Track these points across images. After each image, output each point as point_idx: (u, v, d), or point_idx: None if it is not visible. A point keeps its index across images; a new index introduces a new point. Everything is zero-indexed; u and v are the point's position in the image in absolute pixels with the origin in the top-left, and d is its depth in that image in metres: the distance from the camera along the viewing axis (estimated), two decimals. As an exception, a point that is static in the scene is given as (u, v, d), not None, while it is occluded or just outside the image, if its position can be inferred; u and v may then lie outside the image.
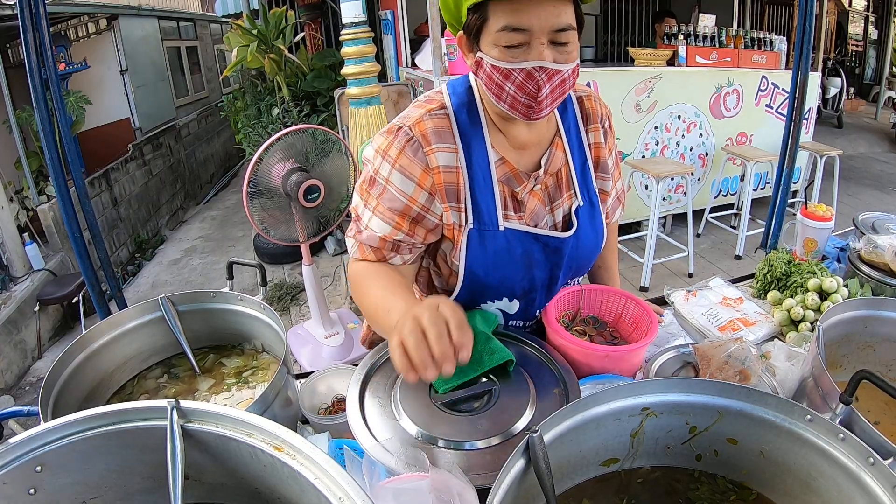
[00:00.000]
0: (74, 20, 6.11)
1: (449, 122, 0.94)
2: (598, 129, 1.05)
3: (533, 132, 0.97)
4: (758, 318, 1.34)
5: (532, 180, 0.98)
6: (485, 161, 0.95)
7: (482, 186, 0.94)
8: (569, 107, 1.03)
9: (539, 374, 0.99)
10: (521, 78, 0.83)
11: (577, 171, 1.02)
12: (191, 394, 1.09)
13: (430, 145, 0.92)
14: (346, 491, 0.54)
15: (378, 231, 0.96)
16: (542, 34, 0.81)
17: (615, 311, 1.22)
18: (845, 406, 0.78)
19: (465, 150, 0.94)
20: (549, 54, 0.82)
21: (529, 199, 0.98)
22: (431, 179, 0.92)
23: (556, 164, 1.00)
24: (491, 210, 0.95)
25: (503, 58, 0.83)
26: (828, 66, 7.92)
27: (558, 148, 1.00)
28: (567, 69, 0.84)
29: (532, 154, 0.99)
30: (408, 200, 0.93)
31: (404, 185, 0.93)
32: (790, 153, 2.19)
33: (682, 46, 4.14)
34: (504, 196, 0.96)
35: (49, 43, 1.53)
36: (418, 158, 0.92)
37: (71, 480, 0.64)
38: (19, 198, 4.53)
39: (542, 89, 0.83)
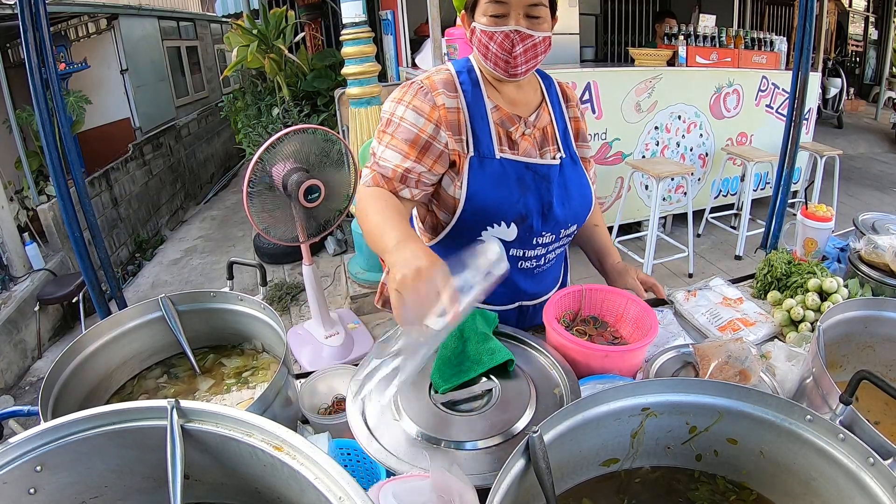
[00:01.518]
0: (74, 20, 6.11)
1: (453, 79, 1.17)
2: (575, 107, 1.28)
3: (521, 93, 1.20)
4: (758, 319, 1.34)
5: (523, 124, 1.18)
6: (482, 106, 1.16)
7: (480, 124, 1.15)
8: (552, 86, 1.26)
9: (539, 374, 0.99)
10: (501, 38, 1.07)
11: (561, 133, 1.23)
12: (191, 394, 1.09)
13: (436, 90, 1.13)
14: (346, 491, 0.54)
15: (391, 161, 1.11)
16: (518, 7, 1.06)
17: (616, 310, 1.22)
18: (845, 406, 0.78)
19: (466, 98, 1.15)
20: (524, 23, 1.07)
21: (521, 140, 1.18)
22: (438, 113, 1.12)
23: (542, 121, 1.21)
24: (488, 142, 1.14)
25: (489, 24, 1.08)
26: (828, 66, 7.92)
27: (544, 110, 1.22)
28: (538, 35, 1.08)
29: (523, 110, 1.20)
30: (418, 131, 1.11)
31: (416, 119, 1.11)
32: (790, 153, 2.19)
33: (682, 46, 4.14)
34: (499, 134, 1.16)
35: (49, 43, 1.53)
36: (428, 99, 1.13)
37: (71, 480, 0.64)
38: (19, 198, 4.53)
39: (515, 47, 1.07)
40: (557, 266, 1.41)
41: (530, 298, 1.33)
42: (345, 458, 0.89)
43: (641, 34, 6.96)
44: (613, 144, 4.10)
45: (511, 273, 1.08)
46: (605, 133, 4.03)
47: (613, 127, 4.03)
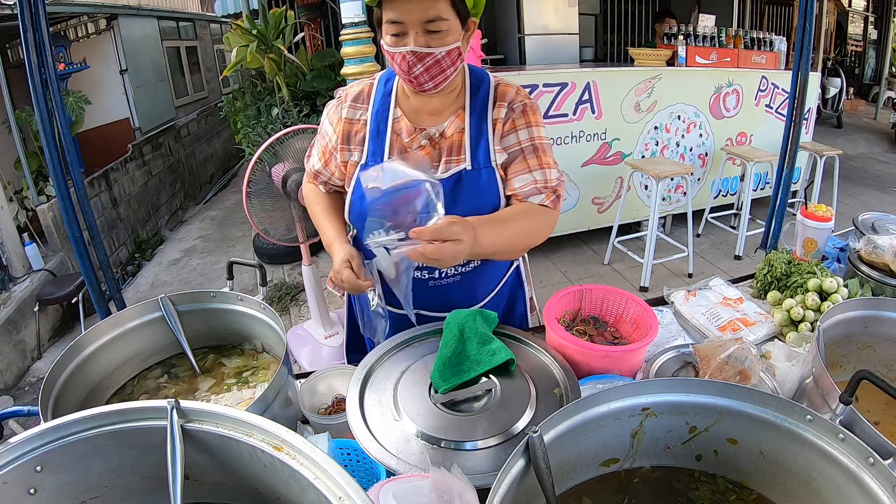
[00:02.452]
0: (74, 20, 6.11)
1: (369, 90, 1.22)
2: (502, 107, 1.20)
3: (433, 103, 1.18)
4: (758, 319, 1.34)
5: (423, 135, 1.18)
6: (385, 116, 1.19)
7: (376, 134, 1.19)
8: (482, 89, 1.21)
9: (539, 374, 0.99)
10: (400, 59, 1.06)
11: (472, 141, 1.18)
12: (191, 394, 1.09)
13: (345, 102, 1.22)
14: (346, 491, 0.54)
15: (314, 161, 1.29)
16: (415, 25, 1.02)
17: (616, 310, 1.22)
18: (845, 406, 0.78)
19: (374, 109, 1.20)
20: (423, 39, 1.03)
21: (417, 152, 1.18)
22: (341, 125, 1.21)
23: (451, 129, 1.18)
24: (379, 151, 1.18)
25: (390, 44, 1.06)
26: (827, 66, 7.93)
27: (459, 118, 1.19)
28: (439, 51, 1.05)
29: (434, 120, 1.19)
30: (327, 140, 1.24)
31: (327, 129, 1.24)
32: (790, 153, 2.19)
33: (681, 46, 4.14)
34: (393, 143, 1.18)
35: (49, 43, 1.53)
36: (337, 111, 1.22)
37: (71, 480, 0.64)
38: (19, 198, 4.53)
39: (413, 67, 1.06)
40: (469, 286, 1.29)
41: (432, 310, 1.27)
42: (345, 458, 0.89)
43: (641, 34, 6.97)
44: (613, 144, 4.10)
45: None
46: (604, 133, 4.03)
47: (613, 127, 4.03)
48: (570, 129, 3.90)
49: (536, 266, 4.11)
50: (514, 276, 1.43)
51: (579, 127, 3.92)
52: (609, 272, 4.03)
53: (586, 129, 3.96)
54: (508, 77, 3.78)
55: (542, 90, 3.72)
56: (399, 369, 1.00)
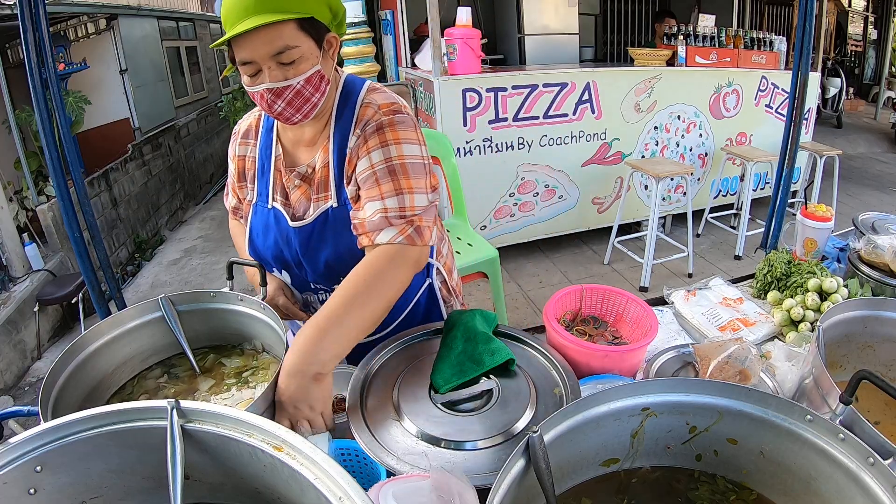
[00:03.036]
0: (74, 20, 6.11)
1: (257, 124, 1.19)
2: (356, 135, 1.06)
3: (300, 133, 1.13)
4: (758, 319, 1.34)
5: (295, 175, 1.13)
6: (269, 154, 1.16)
7: (262, 173, 1.17)
8: (346, 113, 1.09)
9: (539, 374, 0.99)
10: (259, 98, 1.00)
11: (336, 174, 1.08)
12: (191, 394, 1.09)
13: (238, 138, 1.21)
14: (346, 491, 0.54)
15: (230, 199, 1.30)
16: (266, 60, 0.96)
17: (616, 310, 1.22)
18: (845, 406, 0.78)
19: (261, 144, 1.18)
20: (279, 74, 0.97)
21: (294, 192, 1.14)
22: (234, 164, 1.22)
23: (319, 163, 1.11)
24: (264, 192, 1.16)
25: (248, 83, 1.00)
26: (827, 66, 7.93)
27: (324, 150, 1.10)
28: (296, 81, 0.98)
29: (303, 155, 1.14)
30: (232, 176, 1.25)
31: (230, 166, 1.25)
32: (790, 153, 2.19)
33: (681, 46, 4.15)
34: (275, 183, 1.15)
35: (49, 43, 1.53)
36: (232, 147, 1.23)
37: (71, 480, 0.64)
38: (19, 198, 4.53)
39: (274, 105, 1.00)
40: None
41: None
42: (345, 458, 0.89)
43: (641, 34, 6.97)
44: (613, 144, 4.10)
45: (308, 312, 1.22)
46: (604, 133, 4.03)
47: (613, 127, 4.04)
48: (569, 129, 3.90)
49: (536, 266, 4.12)
50: (426, 294, 1.26)
51: (579, 127, 3.93)
52: (609, 272, 4.03)
53: (586, 129, 3.96)
54: (508, 77, 3.77)
55: (541, 90, 3.72)
56: (399, 369, 1.00)
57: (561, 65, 4.60)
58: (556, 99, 3.78)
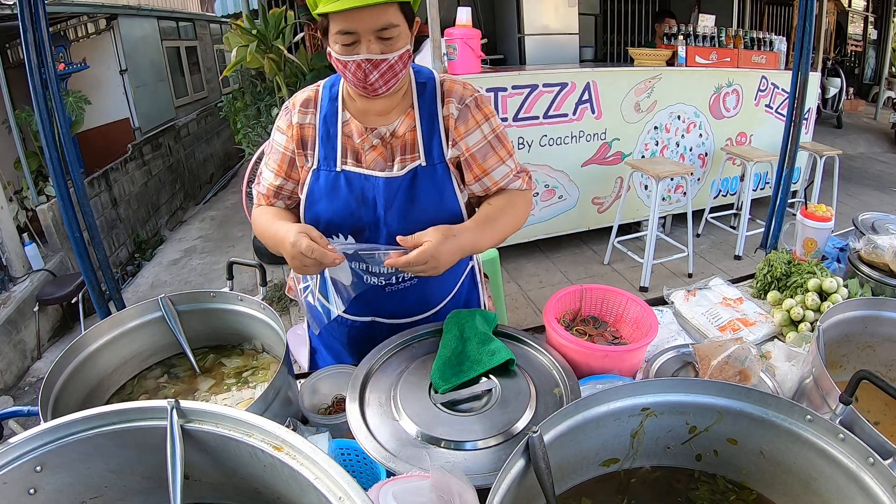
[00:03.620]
0: (74, 20, 6.11)
1: (315, 96, 1.22)
2: (452, 103, 1.20)
3: (381, 105, 1.17)
4: (758, 319, 1.34)
5: (374, 135, 1.17)
6: (335, 120, 1.19)
7: (327, 138, 1.18)
8: (429, 87, 1.21)
9: (539, 374, 0.99)
10: (354, 67, 1.05)
11: (425, 138, 1.19)
12: (191, 394, 1.09)
13: (294, 109, 1.20)
14: (346, 491, 0.54)
15: (268, 178, 1.24)
16: (367, 33, 1.02)
17: (616, 310, 1.22)
18: (845, 406, 0.78)
19: (321, 113, 1.20)
20: (376, 47, 1.03)
21: (369, 152, 1.18)
22: (293, 130, 1.19)
23: (402, 128, 1.18)
24: (331, 155, 1.18)
25: (341, 52, 1.05)
26: (827, 66, 7.93)
27: (409, 117, 1.19)
28: (392, 56, 1.05)
29: (383, 121, 1.19)
30: (283, 149, 1.21)
31: (280, 138, 1.21)
32: (790, 153, 2.19)
33: (681, 46, 4.14)
34: (345, 147, 1.18)
35: (49, 43, 1.53)
36: (286, 118, 1.21)
37: (71, 480, 0.64)
38: (18, 198, 4.53)
39: (369, 75, 1.06)
40: (424, 291, 1.28)
41: (384, 316, 1.27)
42: (345, 458, 0.89)
43: (641, 34, 6.97)
44: (613, 144, 4.10)
45: (360, 286, 1.19)
46: (604, 133, 4.03)
47: (613, 127, 4.03)
48: (569, 129, 3.90)
49: (536, 266, 4.12)
50: (468, 279, 1.40)
51: (579, 127, 3.92)
52: (609, 272, 4.03)
53: (586, 129, 3.96)
54: (508, 77, 3.77)
55: (542, 90, 3.72)
56: (399, 369, 1.00)
57: (561, 65, 4.59)
58: (556, 99, 3.78)
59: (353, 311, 1.28)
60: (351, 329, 1.31)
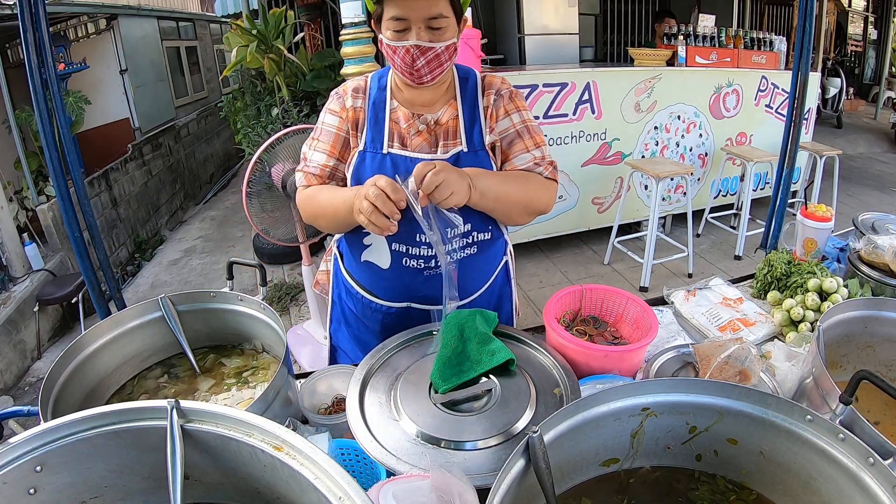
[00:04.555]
0: (74, 20, 6.11)
1: (365, 85, 1.28)
2: (490, 94, 1.27)
3: (427, 94, 1.23)
4: (758, 319, 1.34)
5: (420, 121, 1.23)
6: (383, 106, 1.25)
7: (375, 122, 1.24)
8: (471, 80, 1.29)
9: (539, 374, 0.99)
10: (403, 53, 1.11)
11: (466, 126, 1.25)
12: (191, 394, 1.09)
13: (347, 94, 1.26)
14: (346, 491, 0.54)
15: (319, 161, 1.26)
16: (418, 21, 1.09)
17: (616, 310, 1.22)
18: (845, 406, 0.78)
19: (371, 99, 1.26)
20: (425, 35, 1.10)
21: (415, 138, 1.23)
22: (347, 113, 1.25)
23: (445, 117, 1.25)
24: (379, 138, 1.23)
25: (392, 38, 1.12)
26: (827, 66, 7.93)
27: (451, 107, 1.26)
28: (440, 46, 1.12)
29: (429, 109, 1.25)
30: (336, 130, 1.25)
31: (333, 120, 1.26)
32: (790, 153, 2.19)
33: (681, 46, 4.14)
34: (392, 132, 1.23)
35: (49, 43, 1.53)
36: (339, 102, 1.26)
37: (71, 480, 0.64)
38: (19, 198, 4.53)
39: (416, 61, 1.12)
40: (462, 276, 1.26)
41: (420, 301, 1.28)
42: (345, 458, 0.89)
43: (641, 34, 6.97)
44: (613, 144, 4.10)
45: (398, 269, 1.23)
46: (604, 133, 4.03)
47: (613, 127, 4.03)
48: (570, 129, 3.90)
49: (536, 266, 4.11)
50: (503, 272, 1.42)
51: (579, 127, 3.92)
52: (609, 272, 4.03)
53: (586, 129, 3.96)
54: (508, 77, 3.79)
55: (542, 90, 3.72)
56: (399, 369, 1.00)
57: (561, 65, 4.59)
58: (556, 99, 3.78)
59: (388, 297, 1.30)
60: (385, 316, 1.31)
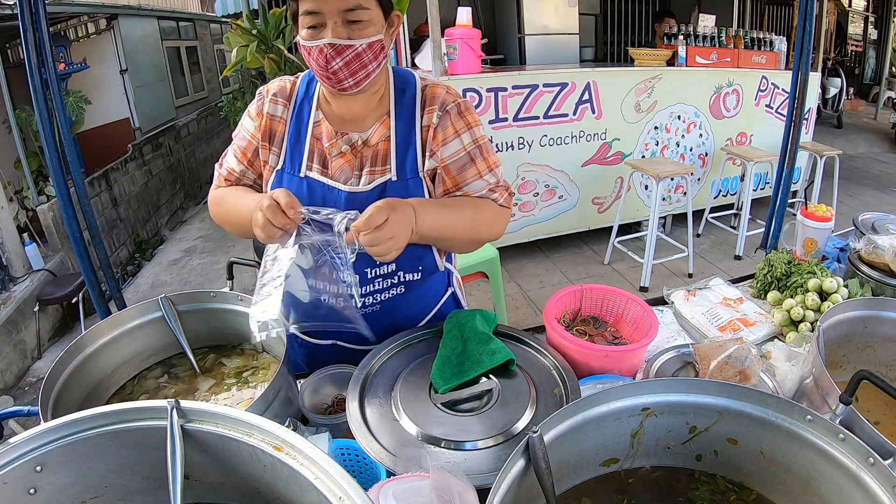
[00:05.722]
0: (74, 20, 6.11)
1: (292, 88, 1.14)
2: (433, 112, 1.10)
3: (356, 107, 1.09)
4: (758, 319, 1.34)
5: (344, 141, 1.09)
6: (306, 119, 1.12)
7: (296, 138, 1.11)
8: (408, 93, 1.13)
9: (539, 374, 0.99)
10: (317, 52, 0.97)
11: (399, 149, 1.10)
12: (191, 394, 1.09)
13: (268, 96, 1.13)
14: (346, 491, 0.54)
15: (231, 163, 1.19)
16: (334, 15, 0.95)
17: (616, 310, 1.22)
18: (845, 406, 0.78)
19: (295, 109, 1.13)
20: (343, 32, 0.96)
21: (336, 159, 1.10)
22: (262, 120, 1.12)
23: (375, 138, 1.10)
24: (298, 158, 1.11)
25: (306, 37, 0.98)
26: (827, 66, 7.93)
27: (383, 125, 1.11)
28: (360, 43, 0.97)
29: (356, 126, 1.11)
30: (250, 137, 1.15)
31: (249, 125, 1.15)
32: (790, 153, 2.19)
33: (681, 46, 4.14)
34: (312, 150, 1.11)
35: (49, 43, 1.53)
36: (258, 105, 1.14)
37: (71, 480, 0.64)
38: (19, 198, 4.53)
39: (331, 62, 0.97)
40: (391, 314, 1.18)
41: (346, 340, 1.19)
42: (345, 458, 0.89)
43: (641, 34, 6.97)
44: (613, 144, 4.10)
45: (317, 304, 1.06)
46: (604, 133, 4.03)
47: (613, 127, 4.03)
48: (570, 129, 3.90)
49: (537, 266, 4.11)
50: (450, 301, 1.31)
51: (579, 127, 3.93)
52: (609, 272, 4.03)
53: (586, 129, 3.96)
54: (508, 77, 3.77)
55: (542, 90, 3.72)
56: (399, 369, 1.00)
57: (561, 65, 4.59)
58: (556, 99, 3.78)
59: (312, 333, 1.20)
60: (311, 352, 1.24)
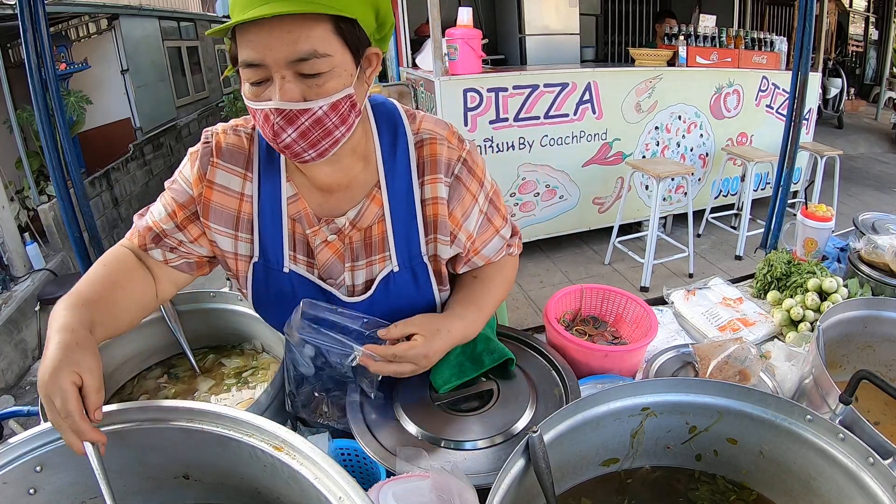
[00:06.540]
0: (75, 20, 6.12)
1: (249, 146, 0.85)
2: (439, 180, 0.85)
3: (335, 175, 0.84)
4: (757, 318, 1.34)
5: (325, 227, 0.86)
6: (277, 194, 0.85)
7: (270, 221, 0.85)
8: (399, 153, 0.85)
9: (539, 374, 0.99)
10: (262, 119, 0.71)
11: (399, 232, 0.87)
12: (190, 394, 1.09)
13: (216, 158, 0.84)
14: (346, 491, 0.54)
15: (155, 215, 0.88)
16: (279, 67, 0.68)
17: (616, 310, 1.22)
18: (845, 406, 0.78)
19: (260, 179, 0.85)
20: (295, 90, 0.69)
21: (323, 250, 0.87)
22: (201, 189, 0.84)
23: (367, 219, 0.86)
24: (277, 247, 0.86)
25: (250, 96, 0.72)
26: (828, 66, 7.92)
27: (374, 202, 0.85)
28: (319, 105, 0.70)
29: (340, 201, 0.86)
30: (185, 199, 0.87)
31: (184, 186, 0.87)
32: (790, 153, 2.19)
33: (682, 47, 4.14)
34: (294, 236, 0.87)
35: (48, 43, 1.53)
36: (202, 166, 0.84)
37: (71, 480, 0.64)
38: (20, 197, 4.54)
39: (281, 134, 0.71)
40: None
41: None
42: (345, 458, 0.89)
43: (642, 34, 6.96)
44: (614, 144, 4.10)
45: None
46: (605, 133, 4.03)
47: (614, 127, 4.03)
48: (570, 130, 3.90)
49: (537, 266, 4.11)
50: None
51: (580, 127, 3.93)
52: (609, 272, 4.03)
53: (587, 130, 3.96)
54: (508, 77, 3.76)
55: (542, 90, 3.72)
56: (399, 369, 1.00)
57: (562, 65, 4.59)
58: (556, 99, 3.78)
59: None
60: None
